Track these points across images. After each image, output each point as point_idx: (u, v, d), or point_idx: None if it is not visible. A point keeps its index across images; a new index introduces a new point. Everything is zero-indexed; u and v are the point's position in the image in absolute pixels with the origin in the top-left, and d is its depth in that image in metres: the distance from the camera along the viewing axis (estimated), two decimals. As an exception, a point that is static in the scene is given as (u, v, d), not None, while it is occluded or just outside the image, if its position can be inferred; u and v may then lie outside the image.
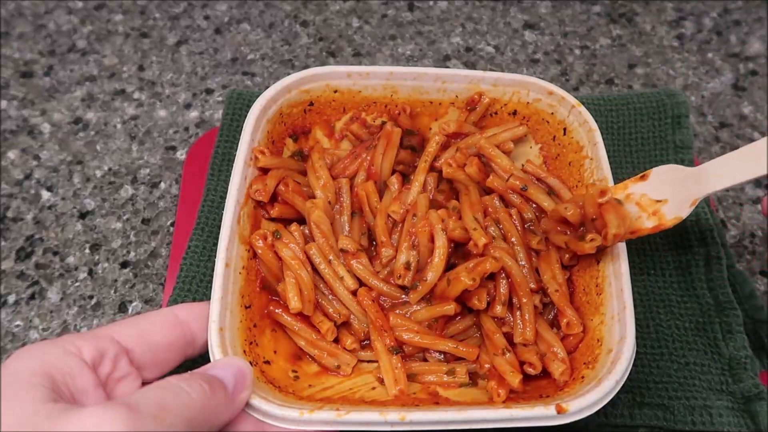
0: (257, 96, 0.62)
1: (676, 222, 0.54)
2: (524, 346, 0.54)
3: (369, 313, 0.56)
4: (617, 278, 0.53)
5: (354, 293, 0.57)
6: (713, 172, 0.53)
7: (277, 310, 0.56)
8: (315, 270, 0.58)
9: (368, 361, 0.57)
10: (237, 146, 0.59)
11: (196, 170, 0.74)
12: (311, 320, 0.56)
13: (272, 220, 0.60)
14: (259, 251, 0.56)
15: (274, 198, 0.60)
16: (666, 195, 0.55)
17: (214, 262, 0.53)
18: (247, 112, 0.61)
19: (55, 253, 0.71)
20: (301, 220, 0.60)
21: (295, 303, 0.55)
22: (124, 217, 0.74)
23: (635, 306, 0.52)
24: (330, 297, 0.58)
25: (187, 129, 0.82)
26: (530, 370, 0.53)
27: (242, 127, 0.60)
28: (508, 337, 0.55)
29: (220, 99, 0.86)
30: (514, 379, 0.51)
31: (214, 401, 0.42)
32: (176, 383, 0.41)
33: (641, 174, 0.57)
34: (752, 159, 0.51)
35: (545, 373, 0.53)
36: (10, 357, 0.40)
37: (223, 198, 0.57)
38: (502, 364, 0.53)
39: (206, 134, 0.79)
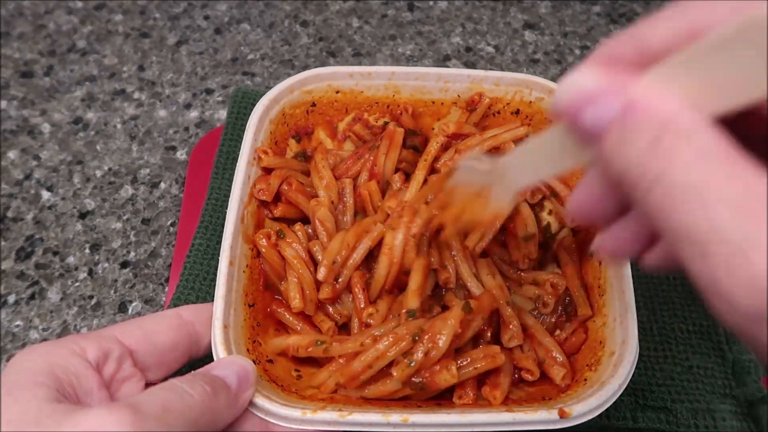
0: (263, 95, 0.62)
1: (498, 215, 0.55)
2: (521, 352, 0.54)
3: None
4: (619, 280, 0.53)
5: None
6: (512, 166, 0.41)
7: (279, 309, 0.56)
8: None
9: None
10: (241, 145, 0.59)
11: (200, 169, 0.74)
12: (313, 320, 0.56)
13: (275, 219, 0.60)
14: (263, 250, 0.56)
15: (277, 197, 0.60)
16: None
17: (218, 260, 0.53)
18: (252, 110, 0.61)
19: (55, 253, 0.71)
20: (305, 220, 0.60)
21: (296, 302, 0.55)
22: (124, 217, 0.74)
23: (639, 308, 0.51)
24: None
25: (187, 129, 0.82)
26: (527, 377, 0.53)
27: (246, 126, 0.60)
28: None
29: (220, 99, 0.86)
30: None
31: (217, 402, 0.42)
32: (179, 385, 0.41)
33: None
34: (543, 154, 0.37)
35: (547, 376, 0.53)
36: (15, 356, 0.40)
37: (228, 196, 0.57)
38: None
39: (211, 132, 0.79)
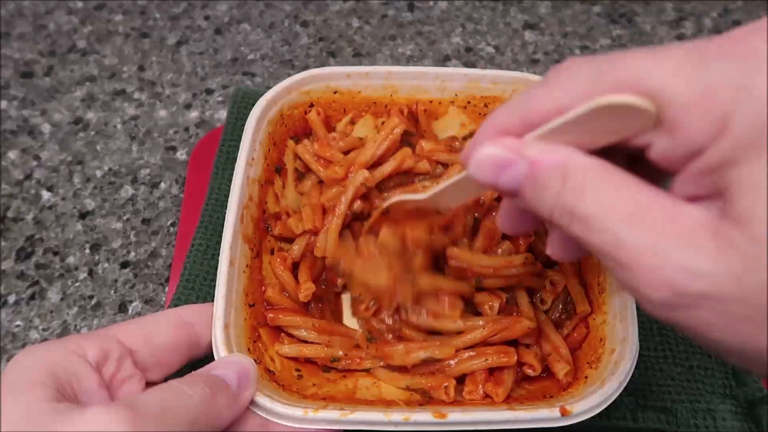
0: (263, 95, 0.62)
1: None
2: (525, 347, 0.54)
3: None
4: None
5: None
6: None
7: (270, 315, 0.56)
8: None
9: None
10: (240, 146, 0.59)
11: (200, 169, 0.73)
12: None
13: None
14: (279, 271, 0.59)
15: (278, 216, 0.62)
16: None
17: (218, 260, 0.53)
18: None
19: (55, 253, 0.71)
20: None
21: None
22: (124, 217, 0.74)
23: (639, 307, 0.51)
24: None
25: (187, 129, 0.82)
26: (529, 372, 0.53)
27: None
28: None
29: (220, 99, 0.86)
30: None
31: (217, 402, 0.42)
32: (178, 386, 0.41)
33: None
34: None
35: (549, 372, 0.53)
36: (15, 356, 0.40)
37: (227, 197, 0.57)
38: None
39: (211, 133, 0.79)
